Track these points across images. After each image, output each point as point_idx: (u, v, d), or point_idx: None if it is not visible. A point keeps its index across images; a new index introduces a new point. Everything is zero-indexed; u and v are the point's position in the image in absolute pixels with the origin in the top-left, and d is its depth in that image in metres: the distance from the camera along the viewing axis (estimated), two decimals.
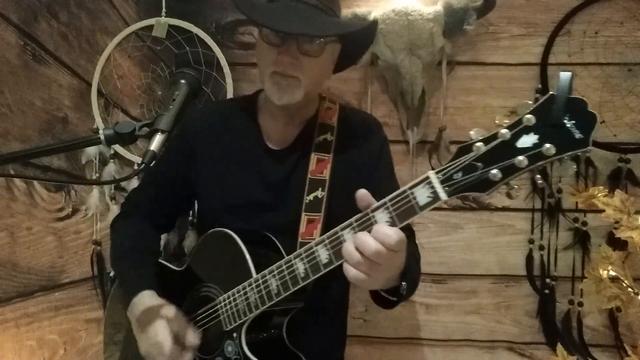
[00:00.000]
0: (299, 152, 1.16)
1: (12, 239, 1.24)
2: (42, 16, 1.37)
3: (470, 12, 1.55)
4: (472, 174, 0.71)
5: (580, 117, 0.67)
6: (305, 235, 1.08)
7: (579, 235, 1.64)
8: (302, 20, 1.01)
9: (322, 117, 1.20)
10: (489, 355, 1.72)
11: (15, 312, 1.24)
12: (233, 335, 1.02)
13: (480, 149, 0.70)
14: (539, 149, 0.67)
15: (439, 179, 0.75)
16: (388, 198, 0.79)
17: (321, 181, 1.12)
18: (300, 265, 0.88)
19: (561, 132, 0.67)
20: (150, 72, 1.70)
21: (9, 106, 1.24)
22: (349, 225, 0.82)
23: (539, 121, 0.68)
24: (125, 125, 0.82)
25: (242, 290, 0.99)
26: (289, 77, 1.05)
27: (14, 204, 1.25)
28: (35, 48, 1.34)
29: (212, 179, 1.19)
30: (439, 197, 0.75)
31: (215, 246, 1.11)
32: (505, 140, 0.69)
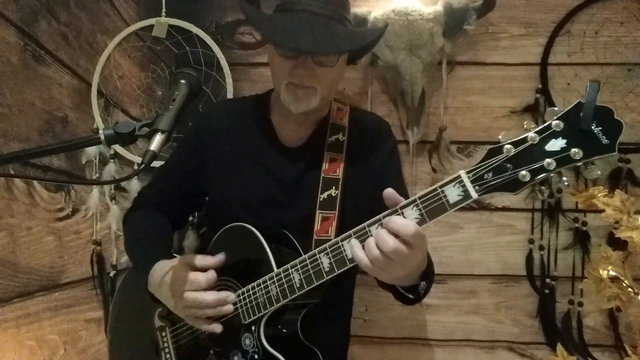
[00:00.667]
0: (312, 151, 1.19)
1: (12, 239, 1.24)
2: (42, 16, 1.37)
3: (470, 12, 1.55)
4: (502, 174, 0.76)
5: (607, 124, 0.75)
6: (321, 232, 1.10)
7: (579, 235, 1.64)
8: (315, 35, 1.01)
9: (334, 118, 1.23)
10: (489, 355, 1.71)
11: (15, 312, 1.24)
12: (252, 328, 1.04)
13: (511, 151, 0.76)
14: (567, 153, 0.73)
15: (470, 178, 0.79)
16: (418, 195, 0.83)
17: (335, 180, 1.15)
18: (325, 259, 0.91)
19: (589, 137, 0.73)
20: (150, 72, 1.70)
21: (9, 106, 1.24)
22: (377, 221, 0.85)
23: (567, 127, 0.73)
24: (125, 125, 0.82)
25: (262, 283, 1.01)
26: (306, 86, 1.07)
27: (14, 204, 1.25)
28: (35, 48, 1.34)
29: (226, 176, 1.20)
30: (470, 195, 0.79)
31: (234, 241, 1.12)
32: (534, 143, 0.74)
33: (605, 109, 0.74)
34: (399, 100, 1.66)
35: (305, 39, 1.00)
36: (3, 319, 1.19)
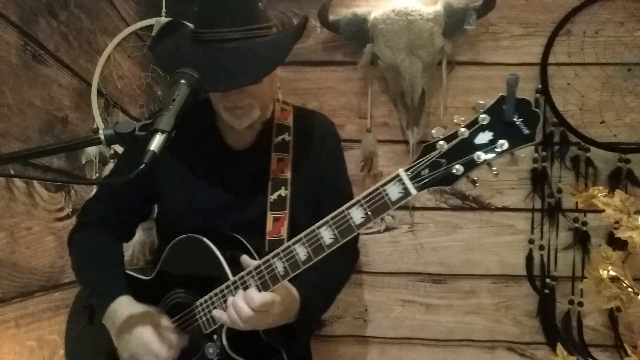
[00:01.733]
0: (259, 153, 1.18)
1: (12, 239, 1.24)
2: (42, 16, 1.37)
3: (470, 12, 1.55)
4: (438, 169, 0.81)
5: (527, 115, 0.78)
6: (273, 233, 1.11)
7: (579, 235, 1.64)
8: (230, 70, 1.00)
9: (278, 118, 1.23)
10: (489, 355, 1.71)
11: (15, 312, 1.24)
12: (213, 337, 1.04)
13: (443, 147, 0.81)
14: (494, 145, 0.78)
15: (409, 175, 0.83)
16: (362, 195, 0.87)
17: (283, 180, 1.15)
18: (279, 264, 0.93)
19: (512, 128, 0.78)
20: (150, 72, 1.70)
21: (9, 106, 1.24)
22: (325, 223, 0.89)
23: (493, 120, 0.79)
24: (125, 125, 0.82)
25: (219, 293, 1.01)
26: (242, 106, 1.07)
27: (14, 204, 1.25)
28: (35, 48, 1.34)
29: (174, 184, 1.18)
30: (409, 192, 0.84)
31: (186, 252, 1.11)
32: (464, 138, 0.80)
33: (524, 100, 0.78)
34: (399, 100, 1.66)
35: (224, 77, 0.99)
36: (3, 319, 1.19)
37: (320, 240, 0.89)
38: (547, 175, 1.65)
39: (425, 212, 1.72)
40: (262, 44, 1.04)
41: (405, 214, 1.71)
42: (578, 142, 1.64)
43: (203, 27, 1.05)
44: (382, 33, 1.57)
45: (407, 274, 1.73)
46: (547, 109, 1.64)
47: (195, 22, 1.09)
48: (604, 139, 1.63)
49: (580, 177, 1.64)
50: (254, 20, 1.05)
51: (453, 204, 1.71)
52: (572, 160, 1.65)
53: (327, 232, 0.89)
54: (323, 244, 0.90)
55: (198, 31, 1.06)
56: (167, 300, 1.13)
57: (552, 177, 1.66)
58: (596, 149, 1.62)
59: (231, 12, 1.02)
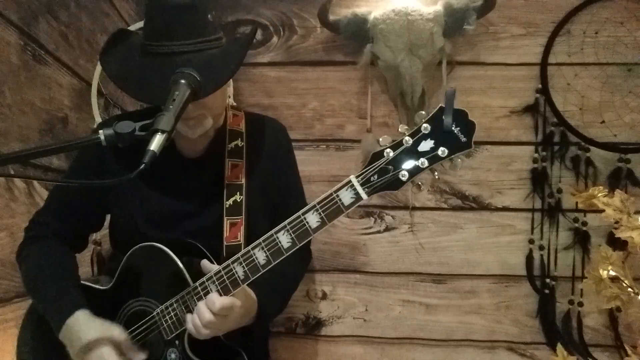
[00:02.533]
0: (213, 159, 1.18)
1: (12, 239, 1.24)
2: (42, 16, 1.37)
3: (470, 12, 1.55)
4: (385, 175, 0.89)
5: (464, 125, 0.87)
6: (230, 238, 1.12)
7: (579, 235, 1.64)
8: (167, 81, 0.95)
9: (231, 124, 1.22)
10: (489, 355, 1.71)
11: (15, 312, 1.24)
12: (175, 342, 1.05)
13: (390, 154, 0.89)
14: (435, 152, 0.87)
15: (360, 181, 0.89)
16: (317, 201, 0.91)
17: (238, 186, 1.16)
18: (239, 268, 0.96)
19: (451, 137, 0.87)
20: None
21: (9, 106, 1.24)
22: (283, 227, 0.93)
23: (433, 128, 0.88)
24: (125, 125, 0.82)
25: (180, 299, 1.02)
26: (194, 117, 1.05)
27: (14, 204, 1.25)
28: (35, 48, 1.34)
29: (127, 193, 1.16)
30: (360, 196, 0.89)
31: (145, 261, 1.10)
32: (408, 146, 0.88)
33: (461, 111, 0.87)
34: (399, 100, 1.66)
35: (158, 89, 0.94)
36: (3, 319, 1.19)
37: (279, 244, 0.93)
38: (547, 175, 1.65)
39: (425, 212, 1.72)
40: (214, 56, 1.02)
41: (405, 214, 1.71)
42: (578, 142, 1.64)
43: (153, 39, 1.02)
44: (382, 33, 1.57)
45: (407, 274, 1.73)
46: (547, 109, 1.64)
47: (145, 33, 1.06)
48: (604, 139, 1.63)
49: (580, 177, 1.64)
50: (204, 33, 1.03)
51: (453, 204, 1.71)
52: (572, 160, 1.65)
53: (285, 237, 0.93)
54: (281, 248, 0.93)
55: (147, 43, 1.03)
56: (125, 310, 1.12)
57: (552, 177, 1.66)
58: (596, 149, 1.62)
59: (181, 24, 1.00)
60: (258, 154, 1.22)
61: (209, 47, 1.03)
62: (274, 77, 1.75)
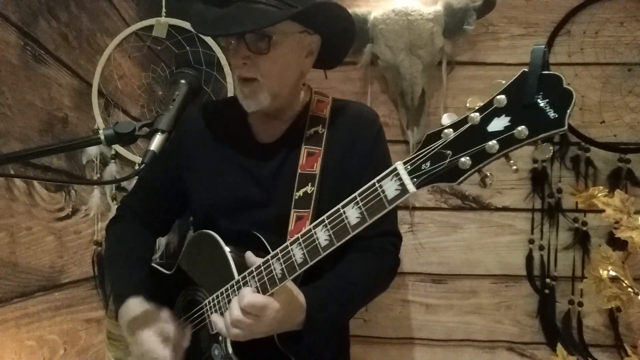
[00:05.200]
0: (288, 145, 1.13)
1: (12, 239, 1.24)
2: (42, 16, 1.37)
3: (470, 12, 1.55)
4: (441, 162, 0.68)
5: (555, 95, 0.62)
6: (294, 232, 1.04)
7: (579, 235, 1.64)
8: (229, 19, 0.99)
9: (314, 110, 1.16)
10: (489, 355, 1.71)
11: (15, 312, 1.24)
12: (219, 338, 1.00)
13: (449, 135, 0.68)
14: (511, 132, 0.63)
15: (407, 169, 0.71)
16: (358, 192, 0.77)
17: (311, 176, 1.08)
18: (277, 265, 0.87)
19: (534, 112, 0.62)
20: (150, 72, 1.70)
21: (9, 106, 1.24)
22: (321, 222, 0.82)
23: (511, 102, 0.64)
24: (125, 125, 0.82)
25: (224, 292, 0.98)
26: (248, 80, 1.04)
27: (14, 204, 1.25)
28: (35, 48, 1.34)
29: (202, 179, 1.17)
30: (407, 189, 0.71)
31: (200, 248, 1.10)
32: (475, 124, 0.65)
33: (553, 76, 0.63)
34: (399, 100, 1.66)
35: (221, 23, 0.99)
36: (3, 319, 1.19)
37: (316, 241, 0.82)
38: (547, 175, 1.65)
39: (425, 212, 1.72)
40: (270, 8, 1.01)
41: (405, 214, 1.71)
42: (578, 142, 1.63)
43: None
44: (382, 33, 1.57)
45: (407, 274, 1.73)
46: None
47: None
48: (604, 139, 1.63)
49: (580, 177, 1.64)
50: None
51: (453, 204, 1.71)
52: (572, 160, 1.65)
53: (323, 233, 0.81)
54: (318, 245, 0.82)
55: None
56: (184, 297, 1.12)
57: (552, 177, 1.65)
58: (596, 149, 1.62)
59: None
60: (340, 143, 1.12)
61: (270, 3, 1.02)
62: None
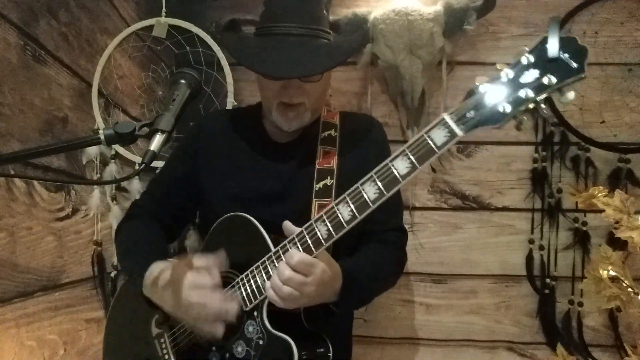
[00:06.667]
0: (305, 145, 1.20)
1: (12, 239, 1.24)
2: (42, 16, 1.37)
3: (470, 12, 1.55)
4: (483, 109, 0.79)
5: (574, 50, 0.77)
6: None
7: (579, 235, 1.64)
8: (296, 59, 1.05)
9: (325, 117, 1.25)
10: (489, 355, 1.71)
11: (15, 312, 1.24)
12: (254, 314, 1.01)
13: (487, 87, 0.80)
14: (541, 81, 0.77)
15: (453, 118, 0.81)
16: (406, 145, 0.85)
17: (329, 170, 1.16)
18: (322, 227, 0.91)
19: (558, 64, 0.77)
20: (150, 72, 1.70)
21: (9, 106, 1.24)
22: (369, 178, 0.88)
23: (537, 59, 0.79)
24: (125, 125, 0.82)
25: (261, 265, 0.99)
26: (296, 105, 1.11)
27: (14, 204, 1.25)
28: (35, 48, 1.34)
29: (220, 177, 1.21)
30: (455, 134, 0.81)
31: (228, 231, 1.12)
32: (509, 78, 0.79)
33: (570, 38, 0.78)
34: (399, 100, 1.66)
35: (288, 65, 1.04)
36: (3, 319, 1.19)
37: (364, 196, 0.87)
38: (547, 175, 1.65)
39: (425, 212, 1.72)
40: (324, 45, 1.11)
41: (406, 213, 1.71)
42: (578, 142, 1.64)
43: (270, 21, 1.11)
44: (382, 33, 1.57)
45: (407, 274, 1.73)
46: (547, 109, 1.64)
47: (262, 18, 1.16)
48: (604, 139, 1.63)
49: (580, 177, 1.64)
50: (319, 22, 1.12)
51: (453, 204, 1.71)
52: (572, 160, 1.65)
53: (371, 187, 0.87)
54: (367, 199, 0.87)
55: (264, 26, 1.12)
56: None
57: (552, 177, 1.66)
58: (596, 149, 1.62)
59: (299, 9, 1.09)
60: (351, 144, 1.21)
61: (321, 37, 1.12)
62: None
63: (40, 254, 1.36)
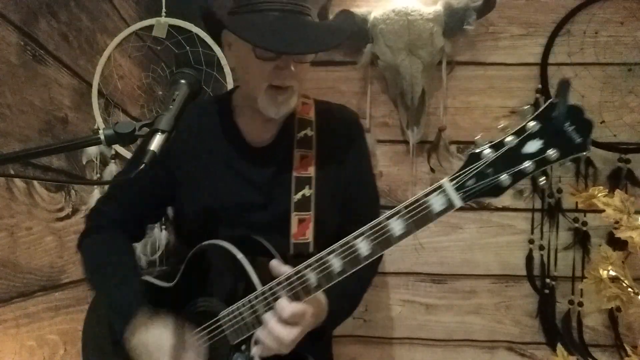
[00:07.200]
0: (280, 149, 1.13)
1: (12, 239, 1.24)
2: (42, 16, 1.37)
3: (470, 12, 1.55)
4: (484, 180, 0.78)
5: (579, 123, 0.74)
6: (299, 235, 1.06)
7: (579, 235, 1.64)
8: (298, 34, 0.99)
9: (300, 113, 1.17)
10: (489, 355, 1.71)
11: (15, 312, 1.24)
12: (242, 347, 1.00)
13: (490, 155, 0.77)
14: (544, 155, 0.74)
15: (454, 186, 0.80)
16: (403, 205, 0.83)
17: (307, 178, 1.10)
18: (312, 275, 0.90)
19: (563, 137, 0.74)
20: (150, 72, 1.70)
21: (9, 106, 1.24)
22: (362, 234, 0.86)
23: (542, 127, 0.75)
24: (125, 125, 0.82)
25: (248, 303, 0.97)
26: (286, 88, 1.04)
27: (14, 204, 1.25)
28: (35, 48, 1.34)
29: (194, 185, 1.14)
30: (453, 204, 0.80)
31: (211, 260, 1.06)
32: (512, 146, 0.76)
33: (577, 107, 0.74)
34: (399, 100, 1.66)
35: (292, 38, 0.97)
36: (3, 319, 1.19)
37: (357, 251, 0.86)
38: (547, 175, 1.65)
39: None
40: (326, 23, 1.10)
41: None
42: None
43: None
44: (382, 33, 1.57)
45: (407, 274, 1.73)
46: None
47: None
48: (604, 139, 1.63)
49: (580, 177, 1.64)
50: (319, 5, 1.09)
51: None
52: (572, 160, 1.65)
53: (365, 244, 0.85)
54: (360, 256, 0.86)
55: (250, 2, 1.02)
56: (191, 309, 1.08)
57: (552, 177, 1.66)
58: (596, 149, 1.62)
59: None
60: (328, 144, 1.15)
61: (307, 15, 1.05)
62: None
63: (40, 254, 1.36)
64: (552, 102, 0.75)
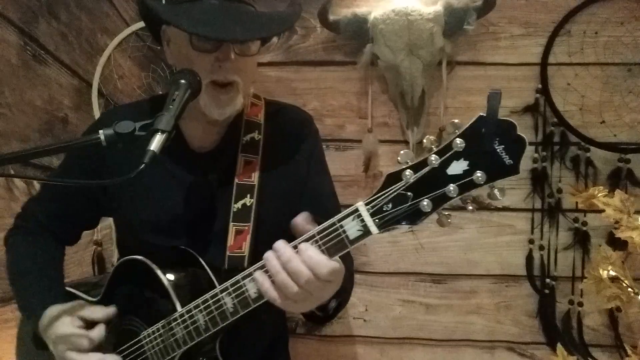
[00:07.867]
0: (225, 154, 1.07)
1: None
2: (42, 16, 1.37)
3: (470, 12, 1.55)
4: (402, 205, 0.69)
5: (510, 142, 0.65)
6: (234, 248, 1.00)
7: (579, 235, 1.64)
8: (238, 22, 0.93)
9: (248, 115, 1.10)
10: (489, 355, 1.71)
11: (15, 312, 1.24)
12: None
13: (409, 177, 0.69)
14: (470, 177, 0.66)
15: (369, 211, 0.71)
16: (317, 230, 0.75)
17: (249, 187, 1.03)
18: (228, 300, 0.84)
19: (491, 157, 0.65)
20: (150, 72, 1.70)
21: (9, 106, 1.24)
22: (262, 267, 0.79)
23: (469, 146, 0.66)
24: (125, 125, 0.82)
25: (167, 325, 0.92)
26: (228, 85, 0.97)
27: (14, 204, 1.25)
28: (35, 48, 1.34)
29: (127, 193, 1.06)
30: (369, 231, 0.72)
31: (132, 276, 1.00)
32: (434, 167, 0.67)
33: (508, 123, 0.66)
34: (399, 100, 1.66)
35: (229, 26, 0.91)
36: (3, 319, 1.19)
37: None
38: (547, 175, 1.65)
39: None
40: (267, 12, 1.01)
41: None
42: (578, 142, 1.63)
43: None
44: (382, 33, 1.57)
45: (407, 274, 1.73)
46: (547, 109, 1.64)
47: None
48: (604, 139, 1.63)
49: (580, 177, 1.64)
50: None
51: (453, 204, 1.71)
52: (572, 160, 1.65)
53: None
54: None
55: None
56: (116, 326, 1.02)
57: (552, 177, 1.66)
58: (596, 149, 1.62)
59: None
60: (277, 150, 1.08)
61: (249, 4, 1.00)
62: (274, 77, 1.75)
63: None
64: (480, 117, 0.67)
